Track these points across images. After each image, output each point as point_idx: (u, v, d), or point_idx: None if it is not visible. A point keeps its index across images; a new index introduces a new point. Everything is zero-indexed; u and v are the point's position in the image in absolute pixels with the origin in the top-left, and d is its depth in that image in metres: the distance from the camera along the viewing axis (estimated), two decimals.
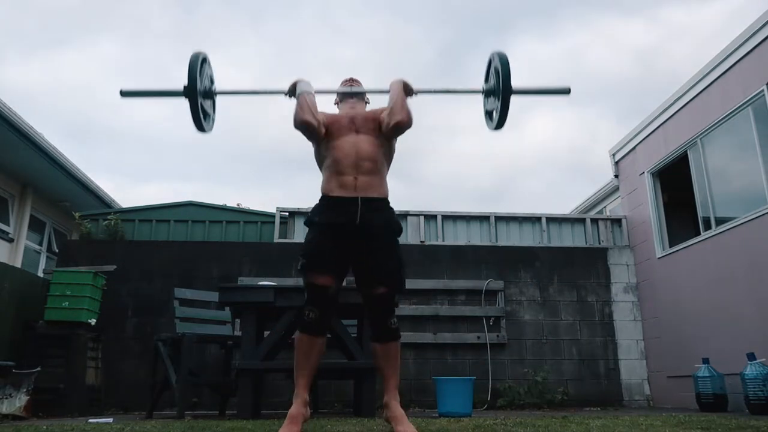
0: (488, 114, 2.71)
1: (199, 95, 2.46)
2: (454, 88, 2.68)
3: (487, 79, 2.68)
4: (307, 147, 2.61)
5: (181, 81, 2.43)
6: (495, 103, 2.56)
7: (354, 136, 2.46)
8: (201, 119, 2.52)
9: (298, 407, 2.24)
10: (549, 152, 30.58)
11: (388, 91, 2.57)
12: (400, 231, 2.48)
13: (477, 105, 2.77)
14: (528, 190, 29.56)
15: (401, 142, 2.62)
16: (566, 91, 2.61)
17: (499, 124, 2.59)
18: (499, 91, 2.48)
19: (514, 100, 2.48)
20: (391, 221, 2.44)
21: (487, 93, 2.66)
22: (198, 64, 2.44)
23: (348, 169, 2.38)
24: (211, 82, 2.64)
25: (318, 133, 2.45)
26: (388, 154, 2.56)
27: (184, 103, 2.47)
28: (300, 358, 2.31)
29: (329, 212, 2.37)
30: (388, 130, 2.47)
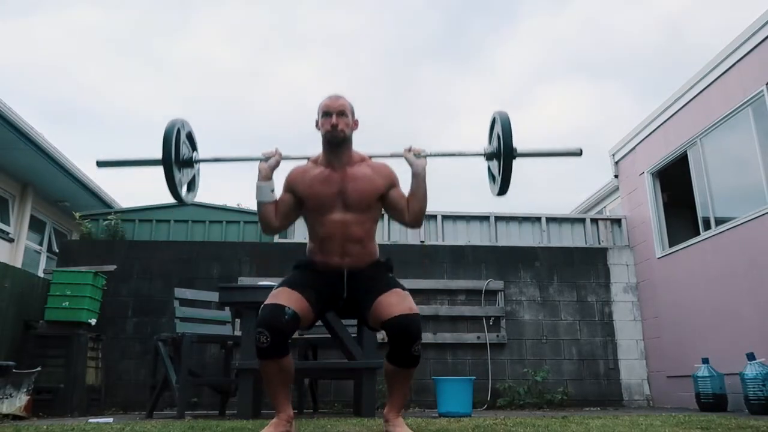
0: (492, 177, 2.49)
1: (175, 167, 2.27)
2: (456, 151, 2.43)
3: (490, 141, 2.45)
4: (308, 147, 2.54)
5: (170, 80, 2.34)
6: (498, 168, 2.34)
7: (342, 214, 2.17)
8: (178, 190, 2.32)
9: (282, 419, 2.07)
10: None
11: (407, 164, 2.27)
12: (391, 269, 2.29)
13: (475, 86, 2.55)
14: (528, 190, 29.52)
15: (400, 139, 2.51)
16: (578, 153, 2.41)
17: (502, 191, 2.36)
18: (501, 154, 2.25)
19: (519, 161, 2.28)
20: (379, 274, 2.23)
21: (489, 156, 2.42)
22: (173, 139, 2.24)
23: (335, 249, 2.18)
24: (192, 147, 2.43)
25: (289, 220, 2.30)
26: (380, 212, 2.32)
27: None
28: (270, 384, 2.07)
29: (314, 274, 2.21)
30: (401, 223, 2.30)
